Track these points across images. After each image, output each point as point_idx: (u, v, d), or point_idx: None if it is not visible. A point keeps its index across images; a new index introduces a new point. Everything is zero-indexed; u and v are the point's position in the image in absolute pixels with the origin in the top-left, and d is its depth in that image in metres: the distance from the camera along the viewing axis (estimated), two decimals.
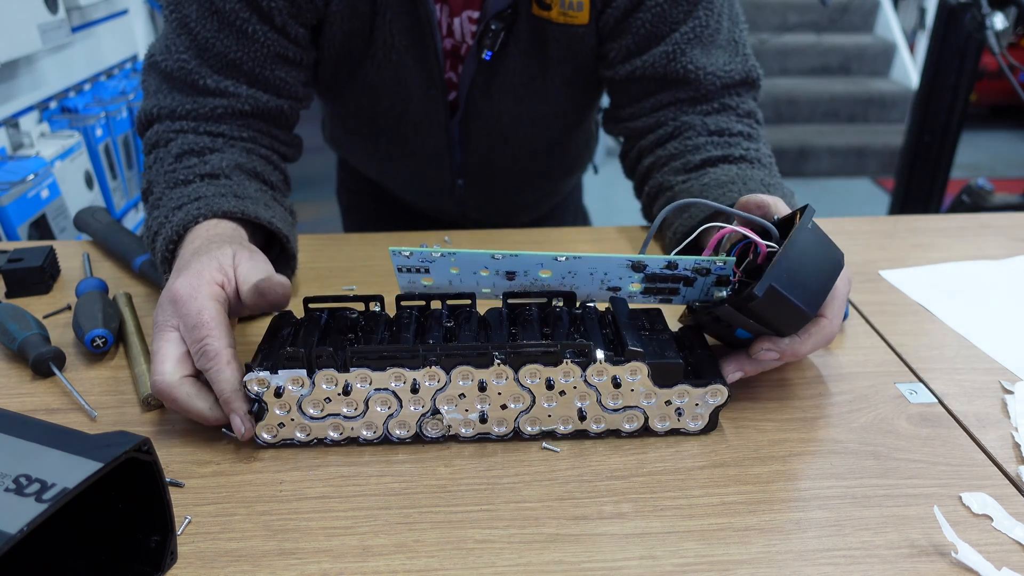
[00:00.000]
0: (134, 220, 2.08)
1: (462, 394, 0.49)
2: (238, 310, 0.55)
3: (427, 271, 0.53)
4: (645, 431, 0.52)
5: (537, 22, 0.76)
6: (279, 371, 0.48)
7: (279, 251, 0.69)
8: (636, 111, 0.79)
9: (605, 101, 0.90)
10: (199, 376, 0.50)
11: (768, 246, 0.51)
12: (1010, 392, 0.57)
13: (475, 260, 0.52)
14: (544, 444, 0.51)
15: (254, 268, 0.54)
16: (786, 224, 0.53)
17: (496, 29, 0.75)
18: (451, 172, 0.91)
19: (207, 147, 0.69)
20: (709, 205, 0.55)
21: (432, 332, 0.51)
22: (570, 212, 1.14)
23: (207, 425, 0.49)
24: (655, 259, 0.52)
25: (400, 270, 0.53)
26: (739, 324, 0.52)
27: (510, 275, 0.53)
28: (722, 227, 0.54)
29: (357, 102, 0.85)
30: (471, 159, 0.89)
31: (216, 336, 0.49)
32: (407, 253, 0.52)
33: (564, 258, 0.52)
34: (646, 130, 0.79)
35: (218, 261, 0.54)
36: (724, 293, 0.52)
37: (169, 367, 0.49)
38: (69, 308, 0.68)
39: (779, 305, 0.49)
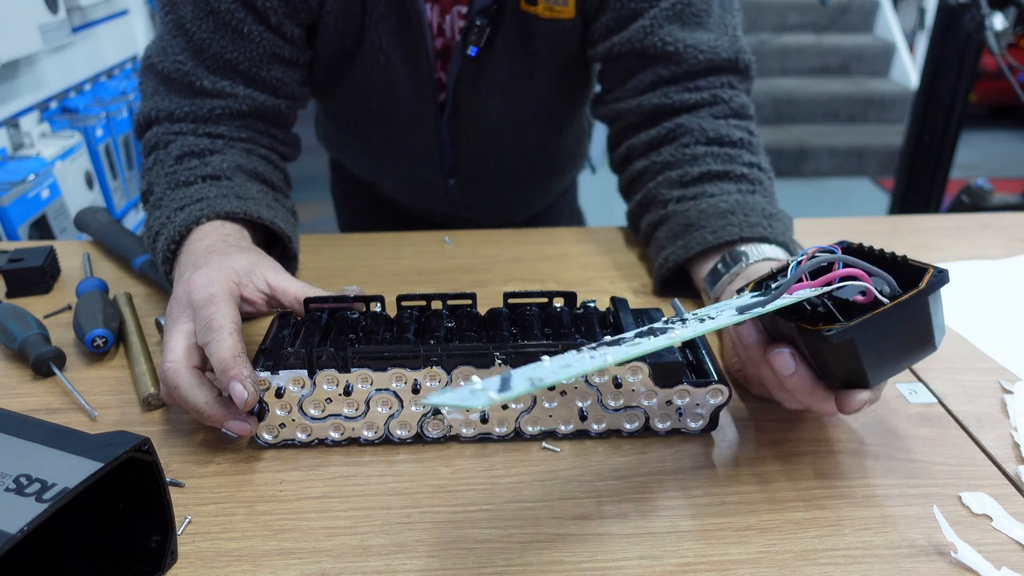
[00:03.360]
0: (134, 220, 2.08)
1: None
2: (265, 308, 0.57)
3: None
4: (646, 431, 0.52)
5: (523, 18, 0.75)
6: (280, 371, 0.48)
7: (280, 251, 0.69)
8: (621, 93, 0.77)
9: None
10: (205, 371, 0.50)
11: (878, 293, 0.43)
12: (1010, 392, 0.57)
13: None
14: (544, 444, 0.51)
15: (295, 279, 0.57)
16: (906, 272, 0.45)
17: (481, 25, 0.74)
18: (442, 172, 0.90)
19: (207, 148, 0.69)
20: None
21: (433, 332, 0.52)
22: (565, 213, 1.13)
23: (204, 422, 0.49)
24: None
25: None
26: (789, 337, 0.47)
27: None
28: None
29: (348, 101, 0.85)
30: (462, 158, 0.89)
31: (223, 313, 0.50)
32: None
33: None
34: (630, 113, 0.76)
35: (237, 264, 0.55)
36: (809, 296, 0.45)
37: (179, 354, 0.49)
38: (69, 308, 0.68)
39: (844, 359, 0.44)
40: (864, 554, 0.43)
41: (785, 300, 0.44)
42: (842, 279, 0.44)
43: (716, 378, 0.50)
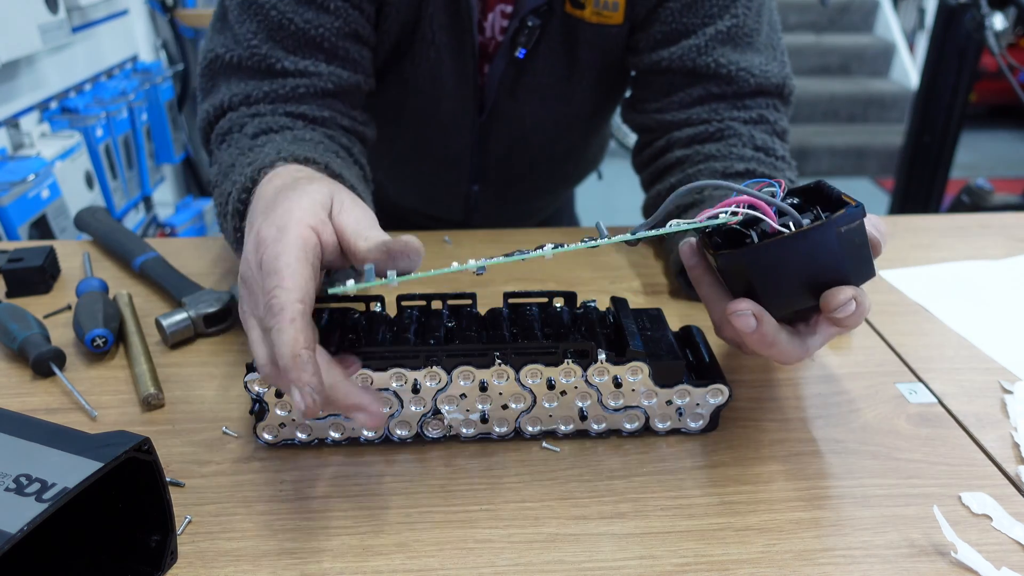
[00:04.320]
0: (134, 220, 2.08)
1: (463, 394, 0.49)
2: (339, 261, 0.46)
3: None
4: (646, 431, 0.52)
5: (569, 21, 0.74)
6: None
7: None
8: (665, 105, 0.76)
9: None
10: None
11: (781, 228, 0.43)
12: (1009, 392, 0.57)
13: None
14: (544, 444, 0.51)
15: (364, 217, 0.46)
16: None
17: (533, 26, 0.73)
18: (468, 177, 0.89)
19: (286, 126, 0.65)
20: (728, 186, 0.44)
21: (433, 332, 0.51)
22: (565, 220, 1.14)
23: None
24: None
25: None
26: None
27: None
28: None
29: (389, 96, 0.83)
30: (489, 162, 0.88)
31: (288, 288, 0.40)
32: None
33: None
34: (678, 124, 0.75)
35: (312, 199, 0.45)
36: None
37: (264, 359, 0.42)
38: (69, 308, 0.68)
39: (738, 282, 0.45)
40: (864, 554, 0.43)
41: (672, 227, 0.45)
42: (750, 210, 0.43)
43: (716, 378, 0.50)
